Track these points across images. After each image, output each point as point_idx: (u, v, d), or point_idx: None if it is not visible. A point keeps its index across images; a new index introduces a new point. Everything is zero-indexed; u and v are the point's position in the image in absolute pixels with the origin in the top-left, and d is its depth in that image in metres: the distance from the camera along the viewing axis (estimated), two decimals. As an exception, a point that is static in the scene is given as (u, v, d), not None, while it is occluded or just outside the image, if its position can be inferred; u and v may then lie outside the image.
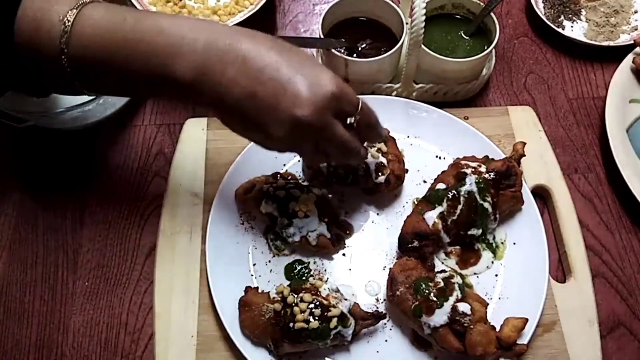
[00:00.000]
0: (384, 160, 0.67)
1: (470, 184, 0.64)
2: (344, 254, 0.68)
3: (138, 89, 0.54)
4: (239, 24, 0.82)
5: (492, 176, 0.66)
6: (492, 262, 0.67)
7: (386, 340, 0.63)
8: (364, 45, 0.78)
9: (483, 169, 0.66)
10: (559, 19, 0.89)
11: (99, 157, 0.76)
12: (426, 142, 0.75)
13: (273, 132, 0.50)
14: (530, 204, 0.69)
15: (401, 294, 0.60)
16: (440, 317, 0.57)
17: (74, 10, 0.48)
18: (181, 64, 0.48)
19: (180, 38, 0.48)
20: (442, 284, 0.60)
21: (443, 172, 0.68)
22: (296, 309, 0.58)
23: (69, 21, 0.48)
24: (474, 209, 0.64)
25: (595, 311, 0.64)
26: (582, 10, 0.90)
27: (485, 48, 0.76)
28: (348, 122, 0.54)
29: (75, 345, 0.64)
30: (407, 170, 0.70)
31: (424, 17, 0.67)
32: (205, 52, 0.48)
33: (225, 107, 0.50)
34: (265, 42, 0.50)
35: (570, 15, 0.89)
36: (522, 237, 0.68)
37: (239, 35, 0.50)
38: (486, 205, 0.65)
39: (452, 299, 0.58)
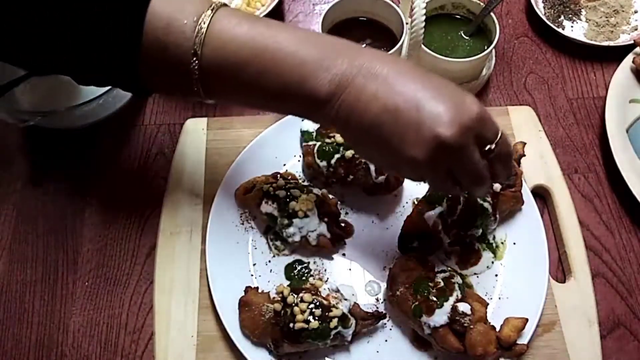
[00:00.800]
0: (384, 160, 0.67)
1: (470, 184, 0.65)
2: (344, 254, 0.68)
3: (264, 100, 0.52)
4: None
5: (492, 176, 0.66)
6: (492, 262, 0.67)
7: (386, 340, 0.63)
8: (364, 45, 0.77)
9: (483, 169, 0.66)
10: (559, 19, 0.89)
11: (99, 157, 0.76)
12: (426, 142, 0.75)
13: (411, 153, 0.46)
14: (530, 204, 0.69)
15: (401, 294, 0.60)
16: (440, 317, 0.57)
17: (209, 12, 0.46)
18: (320, 78, 0.47)
19: (321, 53, 0.47)
20: (442, 284, 0.60)
21: (443, 172, 0.68)
22: (296, 309, 0.58)
23: (204, 23, 0.46)
24: (474, 209, 0.64)
25: (595, 311, 0.64)
26: (582, 10, 0.90)
27: (485, 48, 0.76)
28: (486, 148, 0.50)
29: (75, 345, 0.64)
30: (407, 170, 0.70)
31: (424, 17, 0.67)
32: (347, 68, 0.47)
33: (359, 125, 0.47)
34: (406, 64, 0.49)
35: (570, 15, 0.89)
36: (522, 237, 0.68)
37: (380, 56, 0.48)
38: (486, 205, 0.65)
39: (452, 299, 0.58)
